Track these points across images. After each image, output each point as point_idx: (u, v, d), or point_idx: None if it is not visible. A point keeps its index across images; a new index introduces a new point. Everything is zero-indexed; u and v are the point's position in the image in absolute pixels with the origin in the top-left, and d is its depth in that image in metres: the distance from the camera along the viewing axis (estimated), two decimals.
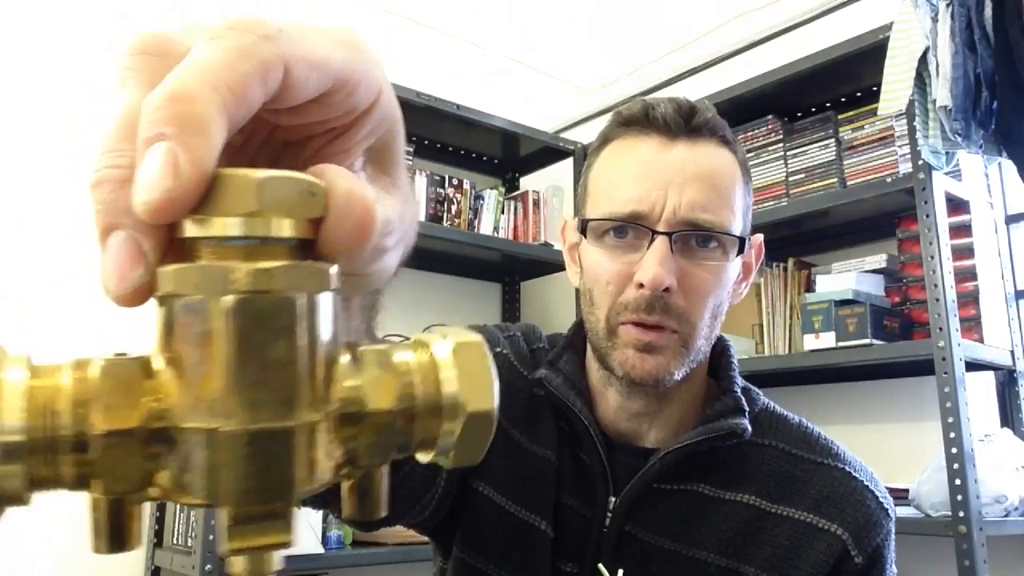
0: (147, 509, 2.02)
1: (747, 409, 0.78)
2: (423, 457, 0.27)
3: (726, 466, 0.78)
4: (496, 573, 0.78)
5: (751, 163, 2.24)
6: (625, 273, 0.73)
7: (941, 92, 1.65)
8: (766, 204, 2.19)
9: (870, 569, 0.75)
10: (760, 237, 0.84)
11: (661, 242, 0.72)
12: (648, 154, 0.75)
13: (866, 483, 0.78)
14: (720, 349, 0.84)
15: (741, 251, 0.76)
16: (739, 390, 0.80)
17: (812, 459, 0.79)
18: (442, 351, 0.26)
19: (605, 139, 0.80)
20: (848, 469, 0.78)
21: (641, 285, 0.72)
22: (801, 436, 0.81)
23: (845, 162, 2.07)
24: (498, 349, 0.85)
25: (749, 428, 0.77)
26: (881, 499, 0.78)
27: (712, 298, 0.75)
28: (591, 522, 0.77)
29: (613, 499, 0.77)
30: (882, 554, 0.76)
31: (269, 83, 0.24)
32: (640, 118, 0.76)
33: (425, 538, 0.87)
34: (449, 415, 0.25)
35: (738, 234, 0.76)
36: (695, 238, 0.74)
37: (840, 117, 2.11)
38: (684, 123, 0.75)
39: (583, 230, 0.78)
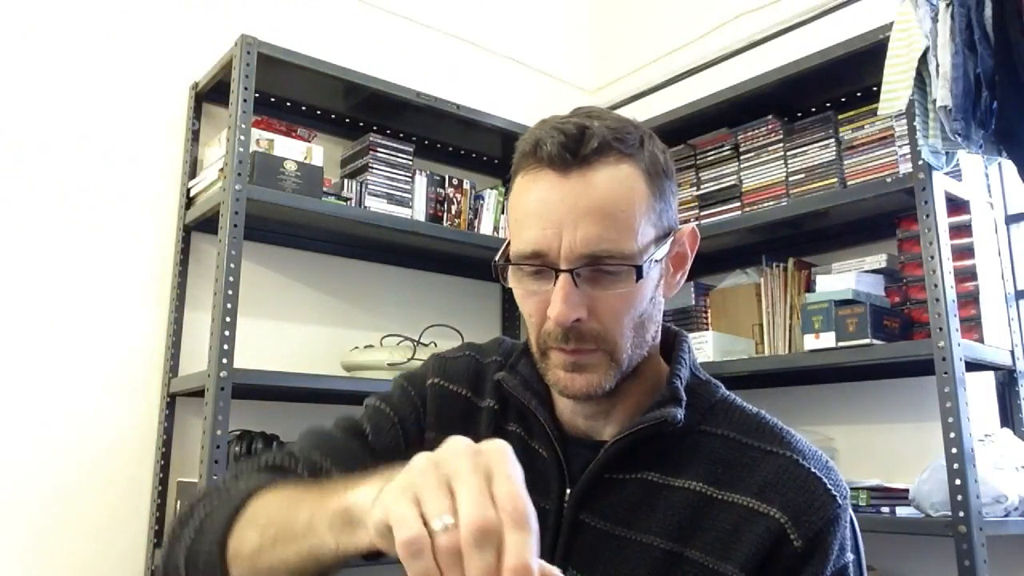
0: (147, 509, 2.02)
1: (683, 398, 0.82)
2: None
3: (676, 454, 0.81)
4: None
5: (751, 163, 2.24)
6: (542, 306, 0.78)
7: (941, 92, 1.65)
8: (766, 204, 2.19)
9: (811, 553, 0.75)
10: (690, 226, 0.86)
11: (563, 280, 0.75)
12: (543, 193, 0.77)
13: (814, 470, 0.78)
14: (676, 343, 0.89)
15: (641, 276, 0.77)
16: (680, 382, 0.83)
17: (760, 447, 0.81)
18: None
19: (515, 169, 0.82)
20: (796, 457, 0.79)
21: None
22: (754, 426, 0.83)
23: (845, 162, 2.07)
24: (430, 381, 0.93)
25: (680, 416, 0.80)
26: (830, 487, 0.78)
27: (627, 317, 0.78)
28: (548, 513, 0.82)
29: (570, 490, 0.82)
30: (826, 540, 0.75)
31: None
32: (531, 153, 0.78)
33: None
34: None
35: (643, 248, 0.77)
36: (598, 268, 0.76)
37: (840, 117, 2.11)
38: (572, 155, 0.75)
39: (502, 269, 0.81)
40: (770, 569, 0.75)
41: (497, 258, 0.83)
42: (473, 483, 0.47)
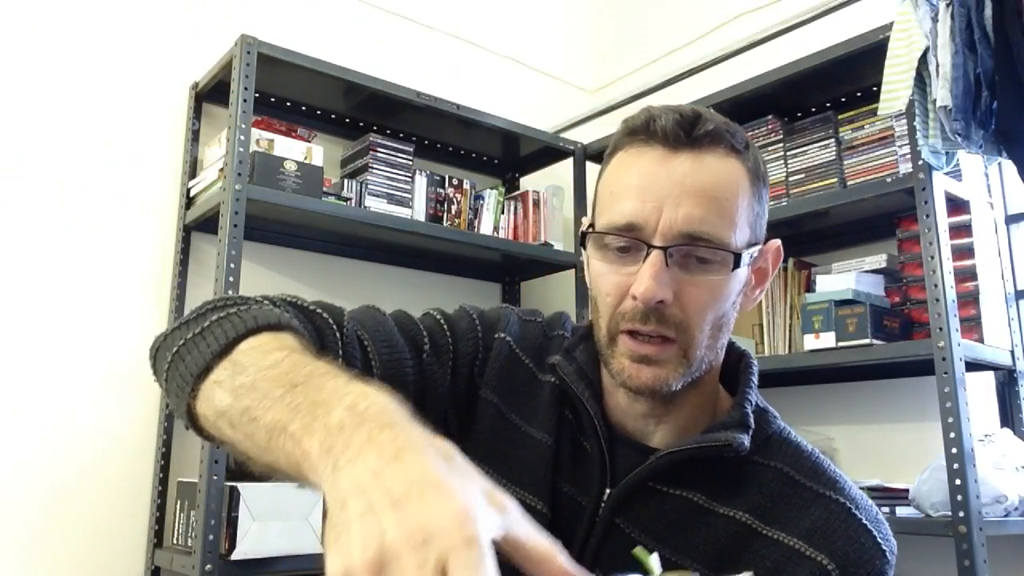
0: (147, 508, 2.02)
1: (751, 426, 0.78)
2: None
3: (725, 480, 0.78)
4: None
5: None
6: (624, 285, 0.75)
7: (941, 92, 1.65)
8: None
9: None
10: (776, 243, 0.83)
11: (656, 256, 0.73)
12: (649, 166, 0.75)
13: (865, 522, 0.76)
14: (743, 365, 0.85)
15: (738, 265, 0.75)
16: (750, 407, 0.80)
17: (814, 488, 0.78)
18: None
19: (614, 148, 0.80)
20: (849, 505, 0.76)
21: (636, 297, 0.73)
22: (809, 465, 0.80)
23: (845, 162, 2.07)
24: (500, 335, 0.87)
25: (746, 444, 0.77)
26: (880, 540, 0.76)
27: (711, 311, 0.75)
28: (584, 510, 0.79)
29: (609, 490, 0.79)
30: None
31: None
32: (643, 128, 0.77)
33: None
34: None
35: (740, 245, 0.75)
36: (692, 252, 0.74)
37: (840, 117, 2.11)
38: (686, 135, 0.75)
39: (583, 242, 0.80)
40: None
41: (583, 228, 0.81)
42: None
